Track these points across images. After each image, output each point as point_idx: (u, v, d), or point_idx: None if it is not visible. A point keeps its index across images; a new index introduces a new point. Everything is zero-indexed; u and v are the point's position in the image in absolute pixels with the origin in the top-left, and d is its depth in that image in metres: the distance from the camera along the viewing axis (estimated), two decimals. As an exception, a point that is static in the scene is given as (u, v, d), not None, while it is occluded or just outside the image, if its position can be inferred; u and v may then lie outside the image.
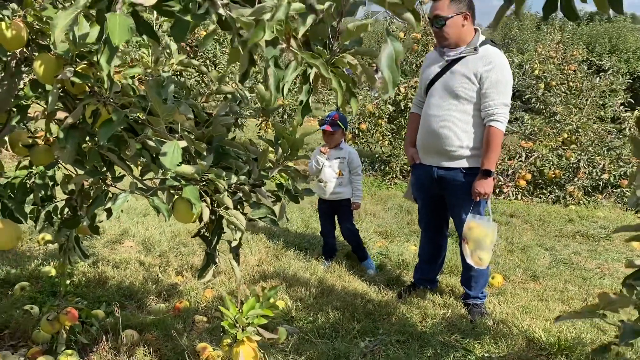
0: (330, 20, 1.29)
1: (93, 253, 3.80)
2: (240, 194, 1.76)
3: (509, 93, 2.96)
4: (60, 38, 1.01)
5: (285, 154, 1.78)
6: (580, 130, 7.31)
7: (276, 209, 1.82)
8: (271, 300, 1.92)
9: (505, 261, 4.25)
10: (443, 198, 3.25)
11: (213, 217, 1.77)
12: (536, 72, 8.99)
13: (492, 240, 2.99)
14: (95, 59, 1.37)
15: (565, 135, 7.34)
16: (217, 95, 1.97)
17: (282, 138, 1.75)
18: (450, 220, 3.40)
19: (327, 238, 4.09)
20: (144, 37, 1.43)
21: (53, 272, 3.33)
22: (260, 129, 8.59)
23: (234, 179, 1.67)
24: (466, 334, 2.95)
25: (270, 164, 1.81)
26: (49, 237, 3.72)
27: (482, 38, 3.00)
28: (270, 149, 1.77)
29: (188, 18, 0.99)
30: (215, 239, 1.86)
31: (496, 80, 2.90)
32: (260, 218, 1.80)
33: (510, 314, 3.21)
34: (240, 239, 1.78)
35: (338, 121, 3.83)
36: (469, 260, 3.02)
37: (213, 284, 3.40)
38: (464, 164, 3.06)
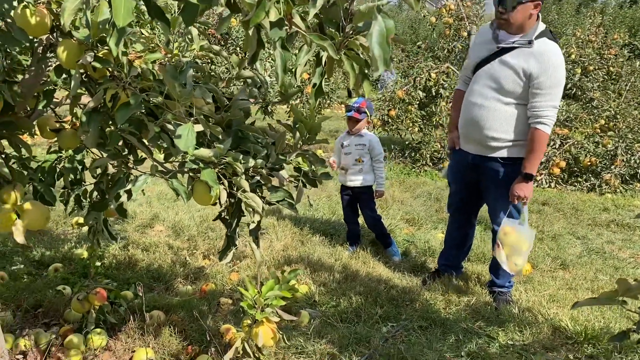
0: (342, 2, 1.29)
1: (124, 237, 3.90)
2: (258, 178, 1.78)
3: (559, 95, 2.79)
4: (69, 21, 1.04)
5: (303, 138, 1.79)
6: (618, 116, 7.09)
7: (294, 192, 1.84)
8: (291, 283, 1.94)
9: (535, 249, 4.18)
10: (478, 185, 3.18)
11: (232, 201, 1.80)
12: (572, 56, 8.73)
13: (528, 247, 2.88)
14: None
15: (603, 122, 7.14)
16: (238, 81, 1.99)
17: (300, 122, 1.75)
18: (482, 209, 3.35)
19: (350, 225, 4.09)
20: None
21: (85, 255, 3.44)
22: (289, 116, 8.62)
23: (251, 162, 1.69)
24: (490, 321, 2.93)
25: (288, 149, 1.82)
26: (81, 220, 3.84)
27: (541, 27, 2.80)
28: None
29: (195, 1, 1.01)
30: (235, 221, 1.90)
31: (548, 81, 2.73)
32: (277, 201, 1.82)
33: (537, 302, 3.17)
34: (259, 222, 1.81)
35: (365, 109, 3.81)
36: (505, 267, 2.89)
37: (239, 267, 3.46)
38: (502, 154, 2.95)
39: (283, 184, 1.81)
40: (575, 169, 6.80)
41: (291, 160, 1.83)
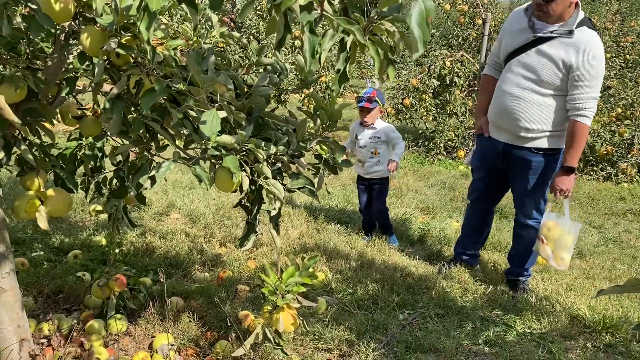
0: (368, -13, 1.28)
1: (141, 224, 3.93)
2: (279, 165, 1.79)
3: (599, 86, 2.71)
4: (102, 7, 1.04)
5: (323, 125, 1.79)
6: (635, 104, 6.99)
7: (315, 179, 1.84)
8: (310, 270, 1.95)
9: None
10: (504, 174, 3.13)
11: (253, 187, 1.80)
12: (590, 44, 8.59)
13: (574, 240, 2.85)
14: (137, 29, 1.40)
15: (619, 110, 7.04)
16: (258, 67, 1.99)
17: (321, 109, 1.75)
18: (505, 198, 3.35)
19: (365, 215, 4.09)
20: (185, 9, 1.46)
21: (103, 242, 3.48)
22: (302, 104, 8.61)
23: (272, 149, 1.70)
24: (507, 310, 2.92)
25: (309, 136, 1.82)
26: (100, 208, 3.87)
27: (581, 16, 2.68)
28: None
29: (224, -15, 1.00)
30: (256, 208, 1.91)
31: (588, 73, 2.65)
32: (298, 188, 1.83)
33: (554, 290, 3.16)
34: (280, 208, 1.81)
35: (375, 98, 3.78)
36: (552, 262, 2.86)
37: (255, 255, 3.48)
38: (536, 144, 2.89)
39: (304, 170, 1.81)
40: (591, 158, 6.73)
41: (311, 147, 1.83)
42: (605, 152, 6.53)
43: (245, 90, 1.78)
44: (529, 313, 2.87)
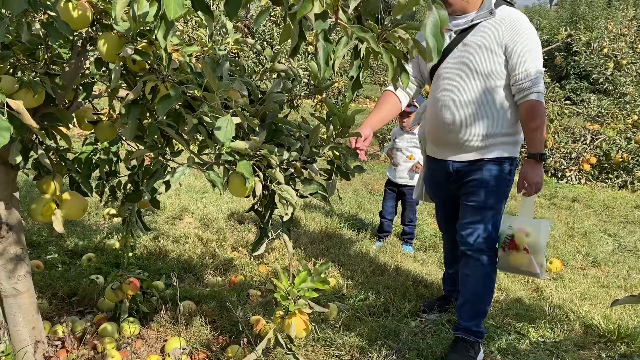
0: (382, -6, 1.28)
1: (154, 228, 3.96)
2: (292, 170, 1.79)
3: (541, 59, 2.39)
4: (121, 15, 1.06)
5: (336, 131, 1.79)
6: (651, 111, 6.93)
7: (327, 185, 1.85)
8: (322, 275, 1.95)
9: (565, 246, 4.12)
10: (459, 198, 2.61)
11: (266, 193, 1.81)
12: (605, 50, 8.54)
13: (545, 240, 2.42)
14: (154, 36, 1.42)
15: (635, 117, 6.98)
16: (271, 74, 2.00)
17: (334, 115, 1.76)
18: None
19: (385, 220, 4.08)
20: (200, 15, 1.48)
21: (117, 245, 3.51)
22: (315, 110, 8.63)
23: (285, 155, 1.71)
24: (520, 318, 2.90)
25: (321, 142, 1.83)
26: (113, 211, 3.91)
27: None
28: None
29: (240, -7, 1.02)
30: (268, 213, 1.91)
31: (526, 45, 2.34)
32: (311, 194, 1.83)
33: (568, 299, 3.13)
34: (292, 214, 1.82)
35: (415, 102, 3.74)
36: (538, 270, 2.40)
37: (267, 260, 3.49)
38: (489, 154, 2.44)
39: (316, 176, 1.82)
40: (606, 165, 6.68)
41: (324, 153, 1.83)
42: (621, 160, 6.47)
43: (260, 96, 1.79)
44: (542, 322, 2.85)
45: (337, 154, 1.88)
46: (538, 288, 3.31)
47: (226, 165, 1.71)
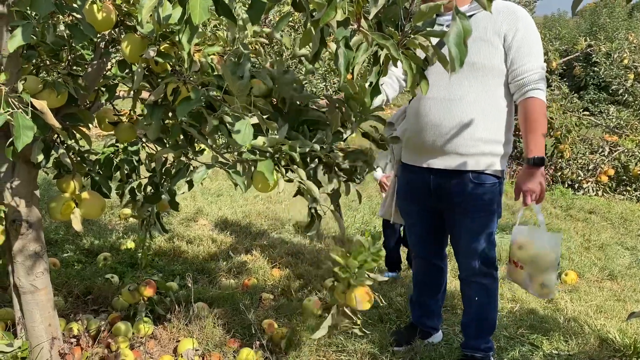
0: (402, 2, 1.29)
1: (169, 229, 4.00)
2: (314, 164, 1.77)
3: (542, 53, 2.16)
4: (147, 18, 1.08)
5: (356, 113, 1.73)
6: (672, 124, 6.84)
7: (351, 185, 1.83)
8: (377, 245, 1.91)
9: (581, 258, 4.07)
10: (440, 214, 2.40)
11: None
12: (625, 61, 8.45)
13: (556, 257, 2.12)
14: (177, 38, 1.44)
15: (655, 129, 6.90)
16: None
17: (352, 98, 1.69)
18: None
19: (390, 250, 3.58)
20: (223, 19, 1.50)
21: (132, 245, 3.54)
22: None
23: (307, 146, 1.66)
24: (534, 329, 2.87)
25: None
26: (129, 211, 3.95)
27: None
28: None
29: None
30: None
31: (527, 37, 2.11)
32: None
33: (583, 312, 3.09)
34: (338, 189, 1.78)
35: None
36: (531, 291, 2.19)
37: (279, 264, 3.49)
38: (482, 164, 2.20)
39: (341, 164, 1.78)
40: (624, 177, 6.59)
41: (346, 137, 1.79)
42: (639, 172, 6.39)
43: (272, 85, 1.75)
44: (556, 334, 2.81)
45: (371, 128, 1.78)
46: (553, 300, 3.27)
47: (248, 164, 1.71)
